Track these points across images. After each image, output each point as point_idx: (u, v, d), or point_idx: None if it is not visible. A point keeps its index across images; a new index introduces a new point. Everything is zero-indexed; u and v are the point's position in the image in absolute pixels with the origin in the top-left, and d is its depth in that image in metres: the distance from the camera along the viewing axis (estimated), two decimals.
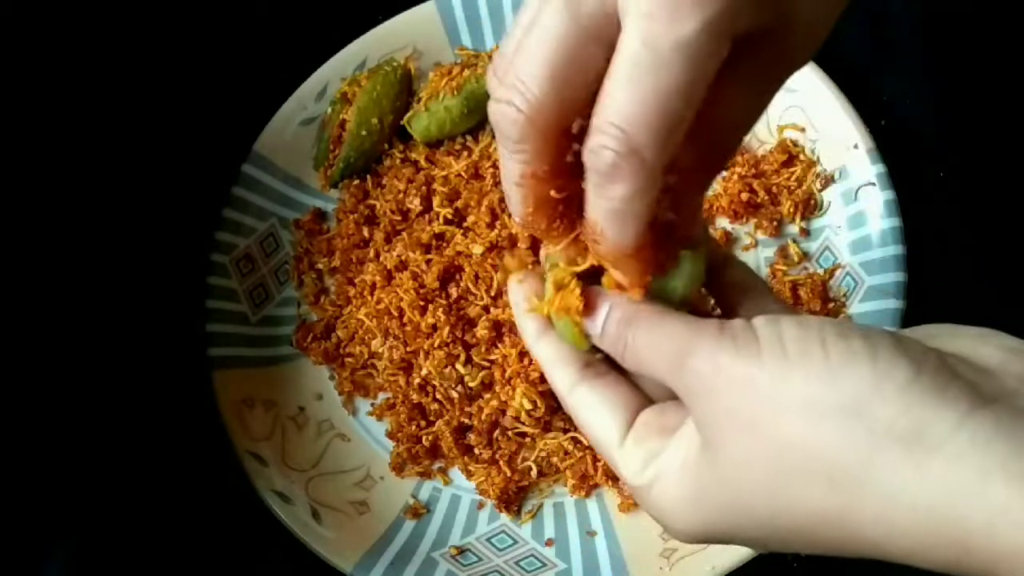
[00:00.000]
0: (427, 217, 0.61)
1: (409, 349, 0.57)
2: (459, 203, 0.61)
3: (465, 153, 0.64)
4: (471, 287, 0.58)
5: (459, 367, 0.56)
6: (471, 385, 0.56)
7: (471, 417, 0.56)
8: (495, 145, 0.60)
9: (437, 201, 0.61)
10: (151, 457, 0.55)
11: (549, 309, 0.33)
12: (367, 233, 0.62)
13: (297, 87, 0.65)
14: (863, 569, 0.33)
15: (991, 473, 0.23)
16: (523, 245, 0.55)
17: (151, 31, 0.66)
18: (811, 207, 0.59)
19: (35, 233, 0.57)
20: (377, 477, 0.57)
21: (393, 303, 0.58)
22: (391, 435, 0.58)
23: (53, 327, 0.56)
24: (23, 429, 0.52)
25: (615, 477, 0.54)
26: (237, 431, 0.57)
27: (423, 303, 0.58)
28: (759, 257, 0.59)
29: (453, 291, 0.58)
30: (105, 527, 0.53)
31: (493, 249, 0.58)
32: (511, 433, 0.56)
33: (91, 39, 0.63)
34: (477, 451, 0.56)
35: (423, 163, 0.64)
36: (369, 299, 0.60)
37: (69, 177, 0.60)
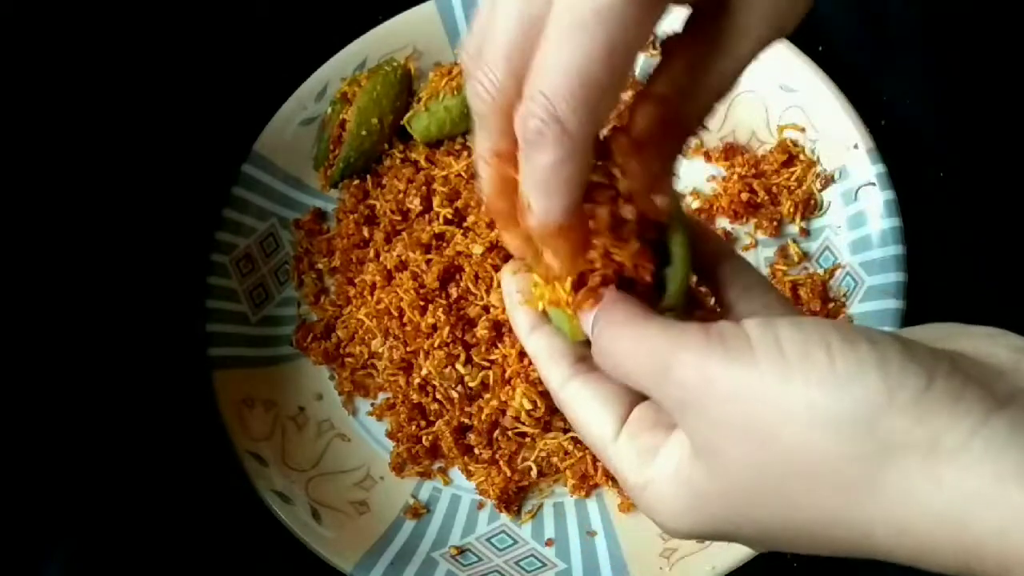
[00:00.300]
0: (427, 217, 0.61)
1: (409, 349, 0.57)
2: (459, 203, 0.61)
3: (465, 153, 0.64)
4: (471, 287, 0.58)
5: (459, 367, 0.56)
6: (471, 385, 0.56)
7: (471, 417, 0.56)
8: None
9: (437, 201, 0.61)
10: (151, 457, 0.55)
11: (543, 302, 0.32)
12: (367, 233, 0.62)
13: (297, 87, 0.65)
14: (864, 569, 0.33)
15: (1006, 478, 0.23)
16: None
17: (151, 31, 0.66)
18: (811, 207, 0.59)
19: (35, 233, 0.57)
20: (377, 477, 0.57)
21: (393, 303, 0.58)
22: (391, 435, 0.58)
23: (53, 327, 0.56)
24: (23, 429, 0.52)
25: (615, 477, 0.54)
26: (237, 431, 0.57)
27: (423, 303, 0.58)
28: (759, 257, 0.59)
29: (453, 291, 0.58)
30: (105, 527, 0.53)
31: (493, 249, 0.58)
32: (511, 433, 0.56)
33: (91, 39, 0.63)
34: (477, 451, 0.56)
35: (423, 163, 0.64)
36: (369, 299, 0.60)
37: (69, 177, 0.60)
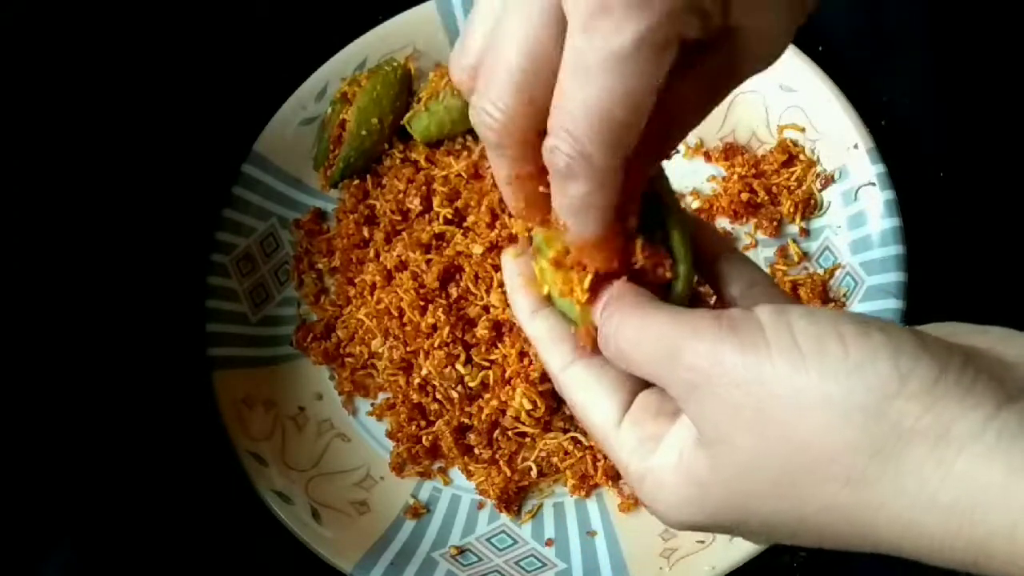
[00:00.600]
0: (427, 217, 0.61)
1: (409, 349, 0.57)
2: (459, 203, 0.61)
3: (465, 153, 0.64)
4: (471, 287, 0.58)
5: (459, 367, 0.56)
6: (471, 385, 0.56)
7: (471, 417, 0.56)
8: None
9: (437, 201, 0.61)
10: (151, 457, 0.55)
11: (550, 286, 0.32)
12: (367, 233, 0.62)
13: (297, 87, 0.65)
14: (865, 568, 0.33)
15: (1018, 470, 0.22)
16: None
17: (151, 31, 0.66)
18: (811, 207, 0.59)
19: (35, 233, 0.57)
20: (377, 477, 0.57)
21: (393, 303, 0.58)
22: (391, 435, 0.58)
23: (53, 327, 0.56)
24: (23, 429, 0.52)
25: (615, 477, 0.54)
26: (237, 431, 0.57)
27: (423, 303, 0.58)
28: (759, 257, 0.59)
29: (453, 291, 0.58)
30: (104, 527, 0.53)
31: (493, 249, 0.58)
32: (511, 433, 0.56)
33: (91, 39, 0.63)
34: (477, 451, 0.56)
35: (423, 163, 0.64)
36: (369, 299, 0.60)
37: (69, 177, 0.60)
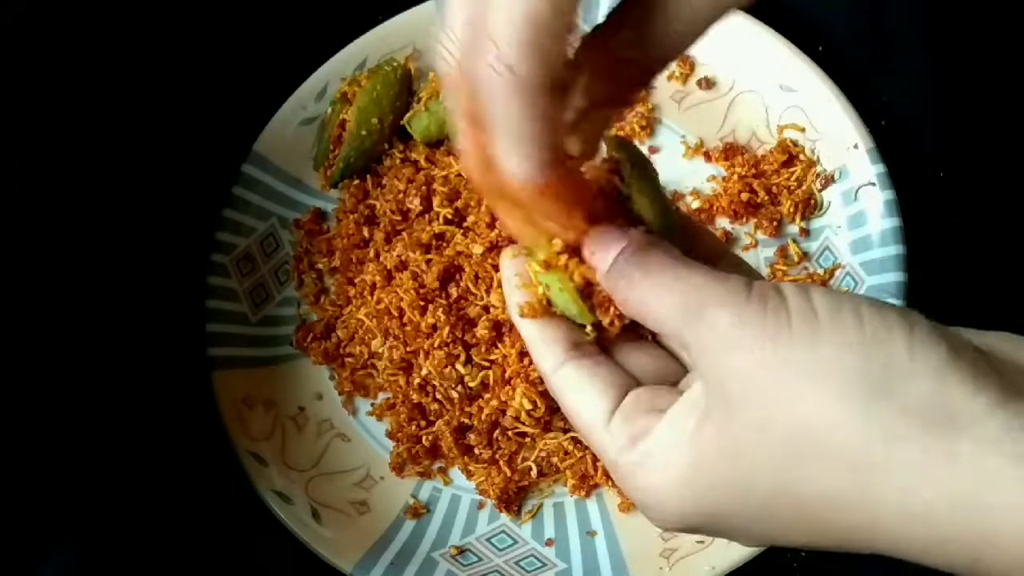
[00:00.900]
0: (427, 217, 0.61)
1: (409, 349, 0.57)
2: (459, 203, 0.61)
3: None
4: (471, 287, 0.58)
5: (459, 367, 0.56)
6: (471, 385, 0.56)
7: (471, 417, 0.56)
8: None
9: (437, 201, 0.61)
10: (151, 457, 0.55)
11: (545, 289, 0.32)
12: (367, 233, 0.62)
13: (297, 87, 0.65)
14: (865, 569, 0.32)
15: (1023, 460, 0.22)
16: None
17: (151, 31, 0.66)
18: (811, 207, 0.59)
19: (35, 233, 0.57)
20: (377, 477, 0.57)
21: (393, 303, 0.58)
22: (391, 435, 0.58)
23: (53, 327, 0.56)
24: (23, 429, 0.52)
25: (604, 463, 0.54)
26: (237, 431, 0.57)
27: (423, 303, 0.58)
28: (759, 257, 0.59)
29: (453, 291, 0.58)
30: (104, 527, 0.53)
31: (493, 249, 0.58)
32: (511, 433, 0.56)
33: (91, 39, 0.63)
34: (477, 451, 0.56)
35: (423, 163, 0.64)
36: (369, 299, 0.60)
37: (69, 177, 0.60)
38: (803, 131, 0.60)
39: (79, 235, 0.59)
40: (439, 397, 0.57)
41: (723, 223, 0.60)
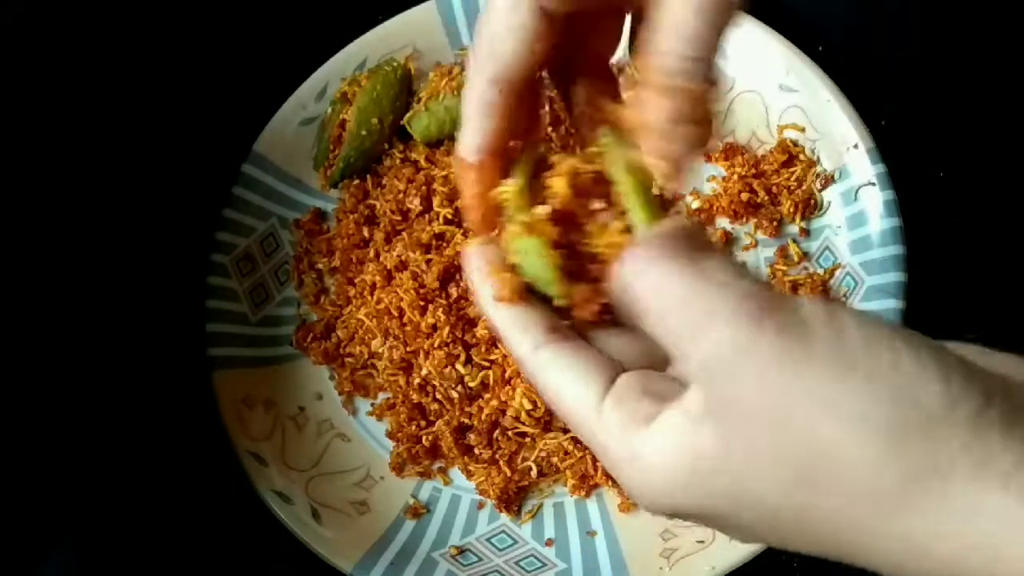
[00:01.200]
0: (427, 217, 0.61)
1: (409, 349, 0.57)
2: (459, 203, 0.61)
3: None
4: (471, 287, 0.58)
5: (459, 367, 0.56)
6: (471, 385, 0.56)
7: (471, 417, 0.56)
8: None
9: (437, 201, 0.61)
10: (151, 457, 0.55)
11: (522, 255, 0.32)
12: (367, 233, 0.62)
13: (297, 87, 0.65)
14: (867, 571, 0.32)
15: None
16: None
17: (151, 31, 0.66)
18: (811, 207, 0.59)
19: (35, 233, 0.57)
20: (377, 477, 0.57)
21: (393, 303, 0.58)
22: (391, 435, 0.58)
23: (53, 327, 0.56)
24: (23, 429, 0.52)
25: (591, 449, 0.54)
26: (237, 431, 0.57)
27: (423, 303, 0.58)
28: (759, 257, 0.59)
29: (453, 291, 0.58)
30: (104, 527, 0.53)
31: None
32: (511, 433, 0.56)
33: (91, 39, 0.63)
34: (477, 451, 0.56)
35: (423, 163, 0.64)
36: (369, 299, 0.60)
37: (69, 177, 0.60)
38: (803, 131, 0.60)
39: (79, 235, 0.59)
40: (439, 397, 0.57)
41: (723, 223, 0.60)
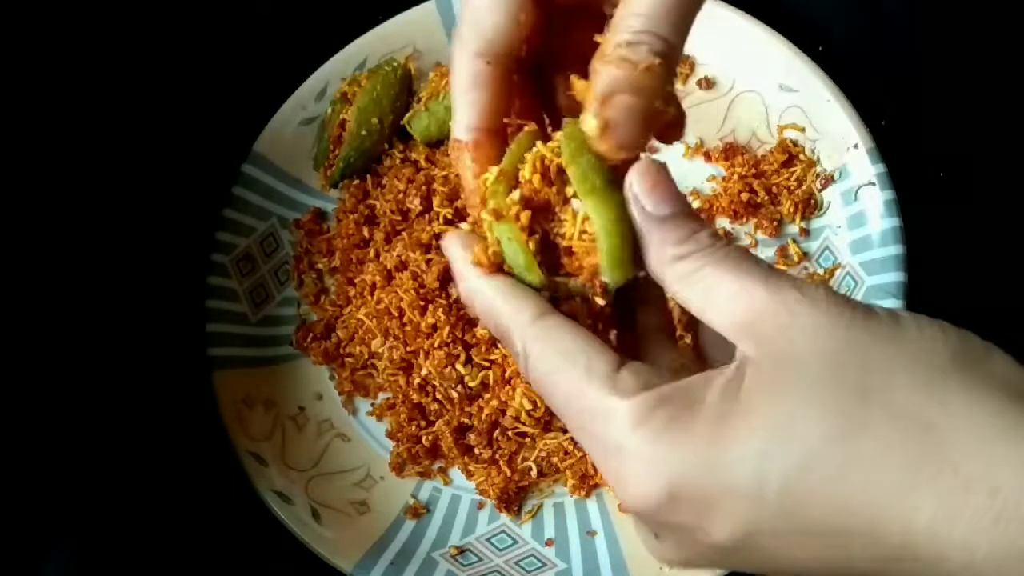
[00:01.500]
0: (427, 217, 0.61)
1: (409, 349, 0.57)
2: (459, 203, 0.61)
3: None
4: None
5: (459, 367, 0.56)
6: (471, 385, 0.56)
7: (471, 417, 0.56)
8: None
9: (437, 201, 0.61)
10: (151, 457, 0.55)
11: (498, 233, 0.31)
12: (367, 233, 0.62)
13: (297, 87, 0.65)
14: None
15: None
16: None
17: (151, 31, 0.66)
18: (811, 207, 0.59)
19: (35, 233, 0.57)
20: (377, 477, 0.57)
21: (393, 303, 0.58)
22: (391, 435, 0.58)
23: (53, 327, 0.56)
24: (23, 429, 0.52)
25: (588, 419, 0.53)
26: (237, 431, 0.57)
27: (423, 303, 0.58)
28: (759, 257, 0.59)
29: (453, 291, 0.58)
30: (105, 527, 0.53)
31: None
32: (511, 433, 0.56)
33: (91, 39, 0.63)
34: (477, 451, 0.56)
35: (423, 163, 0.64)
36: (369, 299, 0.60)
37: (69, 177, 0.60)
38: (803, 131, 0.60)
39: (80, 235, 0.59)
40: (439, 397, 0.57)
41: (723, 223, 0.60)
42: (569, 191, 0.30)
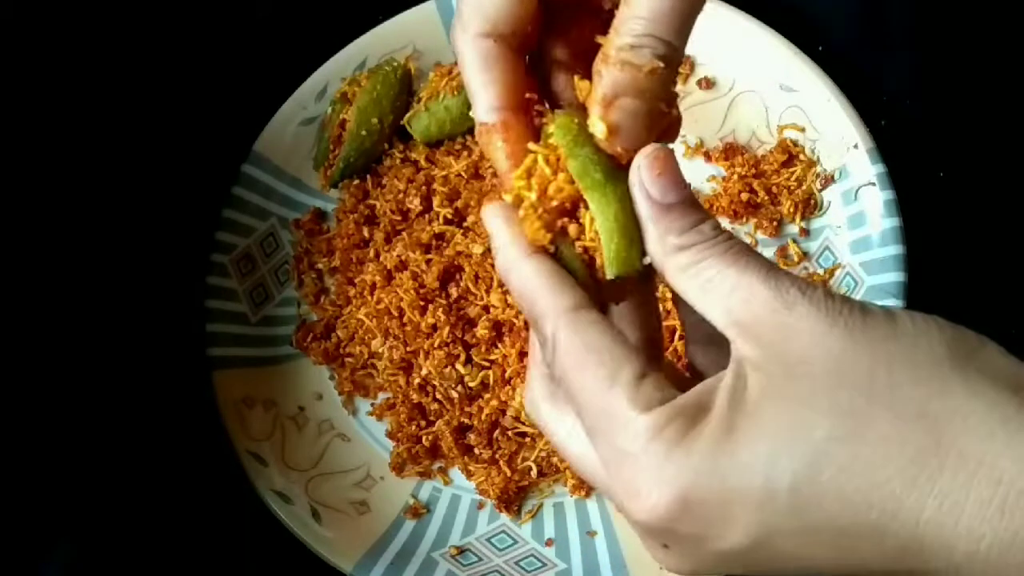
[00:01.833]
0: (427, 217, 0.61)
1: (409, 349, 0.57)
2: (459, 203, 0.61)
3: (465, 153, 0.64)
4: (471, 287, 0.58)
5: (459, 367, 0.56)
6: (471, 385, 0.56)
7: (471, 417, 0.56)
8: None
9: (437, 201, 0.61)
10: (151, 457, 0.55)
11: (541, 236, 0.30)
12: (367, 233, 0.62)
13: (297, 87, 0.65)
14: None
15: None
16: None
17: (151, 31, 0.66)
18: (811, 207, 0.59)
19: (35, 233, 0.57)
20: (377, 477, 0.57)
21: (393, 303, 0.58)
22: (391, 435, 0.58)
23: (53, 327, 0.56)
24: (23, 429, 0.52)
25: (617, 403, 0.53)
26: (237, 431, 0.57)
27: (423, 303, 0.58)
28: None
29: (453, 291, 0.58)
30: (105, 527, 0.53)
31: None
32: (511, 433, 0.56)
33: (91, 39, 0.63)
34: (477, 451, 0.56)
35: (423, 163, 0.64)
36: (369, 299, 0.60)
37: (69, 177, 0.60)
38: (803, 131, 0.60)
39: (79, 235, 0.59)
40: (439, 397, 0.57)
41: (723, 223, 0.60)
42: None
